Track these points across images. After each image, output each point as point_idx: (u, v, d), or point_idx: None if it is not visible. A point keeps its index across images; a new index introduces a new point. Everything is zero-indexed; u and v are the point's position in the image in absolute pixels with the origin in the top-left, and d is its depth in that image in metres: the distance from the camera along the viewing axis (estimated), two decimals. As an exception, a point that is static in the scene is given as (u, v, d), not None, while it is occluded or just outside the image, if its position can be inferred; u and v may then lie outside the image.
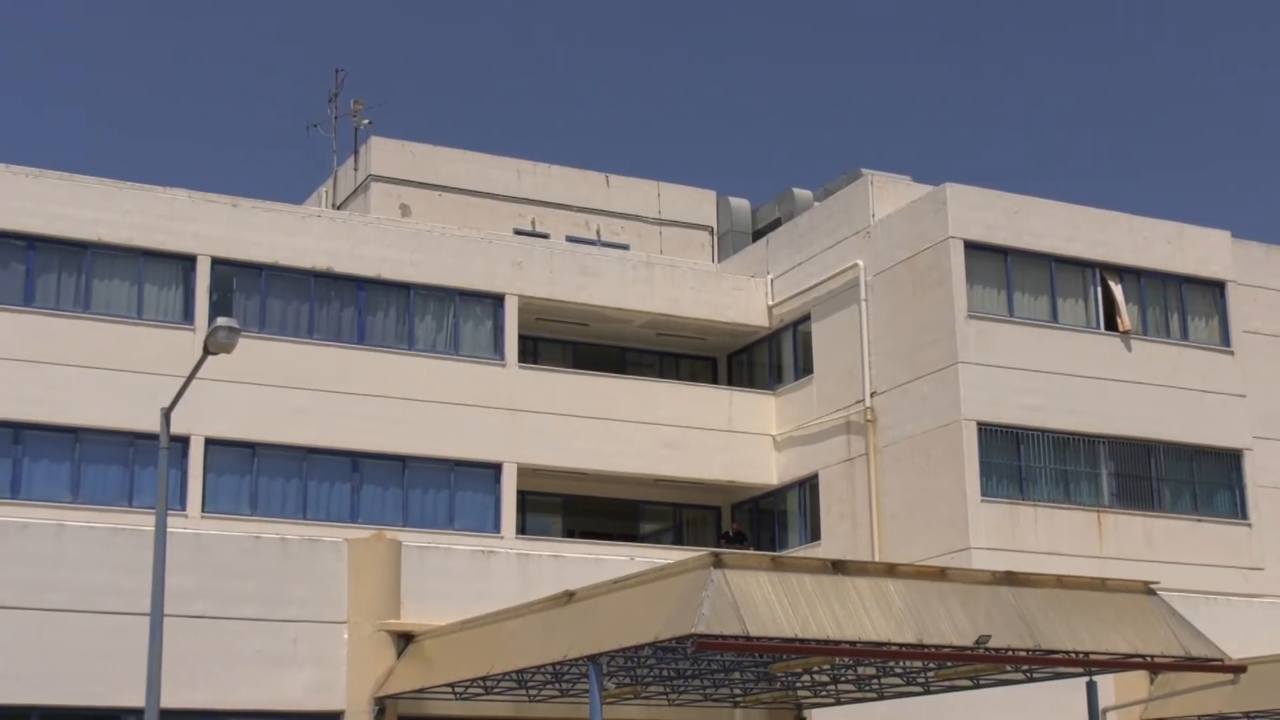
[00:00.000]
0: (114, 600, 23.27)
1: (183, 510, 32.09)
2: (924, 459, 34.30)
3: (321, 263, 34.87)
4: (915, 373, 34.93)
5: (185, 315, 33.56)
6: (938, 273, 34.73)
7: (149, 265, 33.55)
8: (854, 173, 39.42)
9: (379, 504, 34.50)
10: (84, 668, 22.96)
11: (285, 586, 24.49)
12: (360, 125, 42.99)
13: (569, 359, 39.48)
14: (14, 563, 23.03)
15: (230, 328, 20.21)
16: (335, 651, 24.51)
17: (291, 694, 24.06)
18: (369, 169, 41.39)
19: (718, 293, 39.36)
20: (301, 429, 33.88)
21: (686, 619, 17.66)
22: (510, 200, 42.42)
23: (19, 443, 31.80)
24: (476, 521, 35.22)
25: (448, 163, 42.09)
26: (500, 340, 36.52)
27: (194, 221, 33.89)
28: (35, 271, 32.66)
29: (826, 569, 19.08)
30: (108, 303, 33.13)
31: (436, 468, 35.18)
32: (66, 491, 31.95)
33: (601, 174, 44.14)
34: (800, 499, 38.07)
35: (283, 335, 34.32)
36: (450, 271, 36.19)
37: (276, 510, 33.41)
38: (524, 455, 35.95)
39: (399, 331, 35.64)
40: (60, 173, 33.23)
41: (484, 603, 24.33)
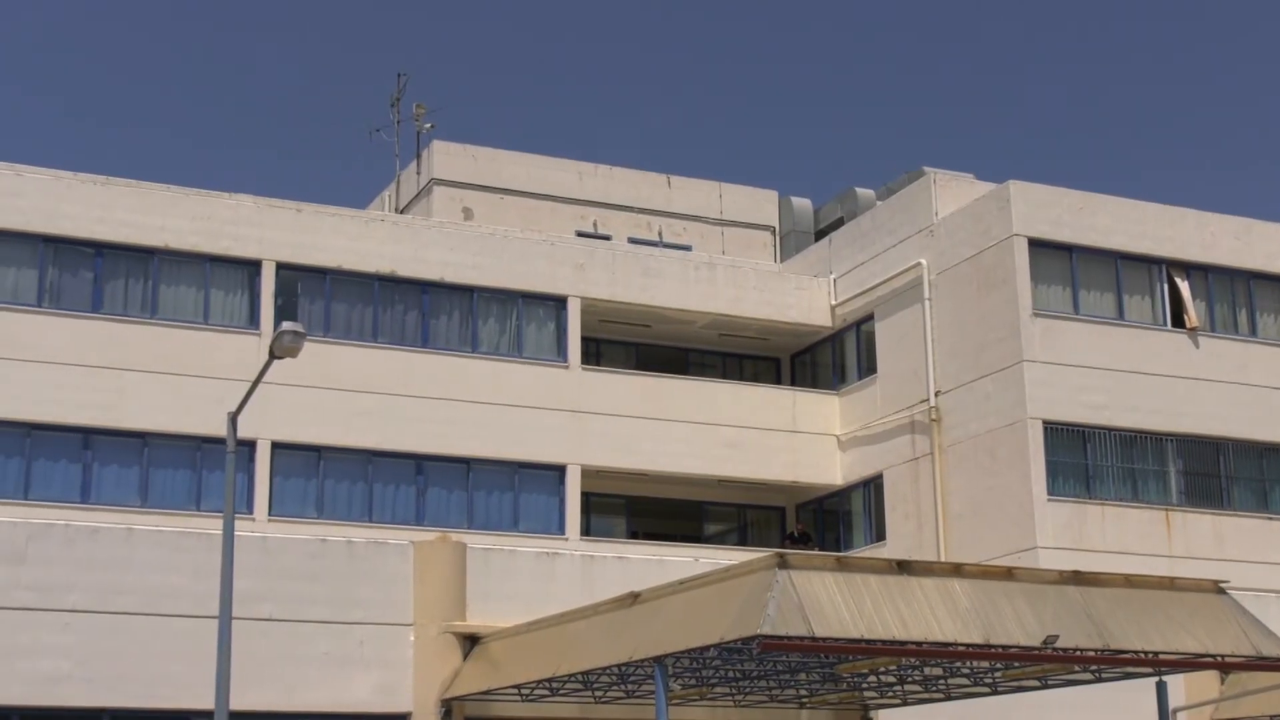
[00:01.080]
0: (183, 603, 23.47)
1: (250, 514, 32.31)
2: (989, 458, 34.09)
3: (385, 267, 35.03)
4: (980, 371, 34.73)
5: (251, 320, 33.80)
6: (1002, 271, 34.52)
7: (215, 271, 33.81)
8: (916, 171, 39.25)
9: (444, 506, 34.62)
10: (153, 670, 23.17)
11: (352, 589, 24.62)
12: (423, 129, 43.23)
13: (632, 360, 39.48)
14: (84, 567, 23.27)
15: (295, 332, 20.32)
16: (402, 653, 24.62)
17: (359, 695, 24.19)
18: (432, 173, 41.55)
19: (780, 293, 39.27)
20: (366, 432, 34.05)
21: (752, 620, 17.63)
22: (572, 202, 42.47)
23: (88, 448, 32.11)
24: (541, 523, 35.29)
25: (510, 166, 42.20)
26: (563, 342, 36.58)
27: (259, 227, 34.13)
28: (103, 278, 32.98)
29: (892, 569, 19.00)
30: (174, 308, 33.41)
31: (500, 470, 35.27)
32: (135, 496, 32.24)
33: (663, 175, 44.13)
34: (865, 499, 37.93)
35: (347, 339, 34.50)
36: (513, 274, 36.27)
37: (342, 513, 33.59)
38: (588, 457, 35.98)
39: (462, 334, 35.76)
40: (127, 180, 33.54)
41: (549, 604, 24.38)
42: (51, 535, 23.42)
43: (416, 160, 42.81)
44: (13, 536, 23.18)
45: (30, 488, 31.47)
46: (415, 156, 42.96)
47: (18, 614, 22.86)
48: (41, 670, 22.72)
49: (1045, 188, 35.32)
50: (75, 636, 22.95)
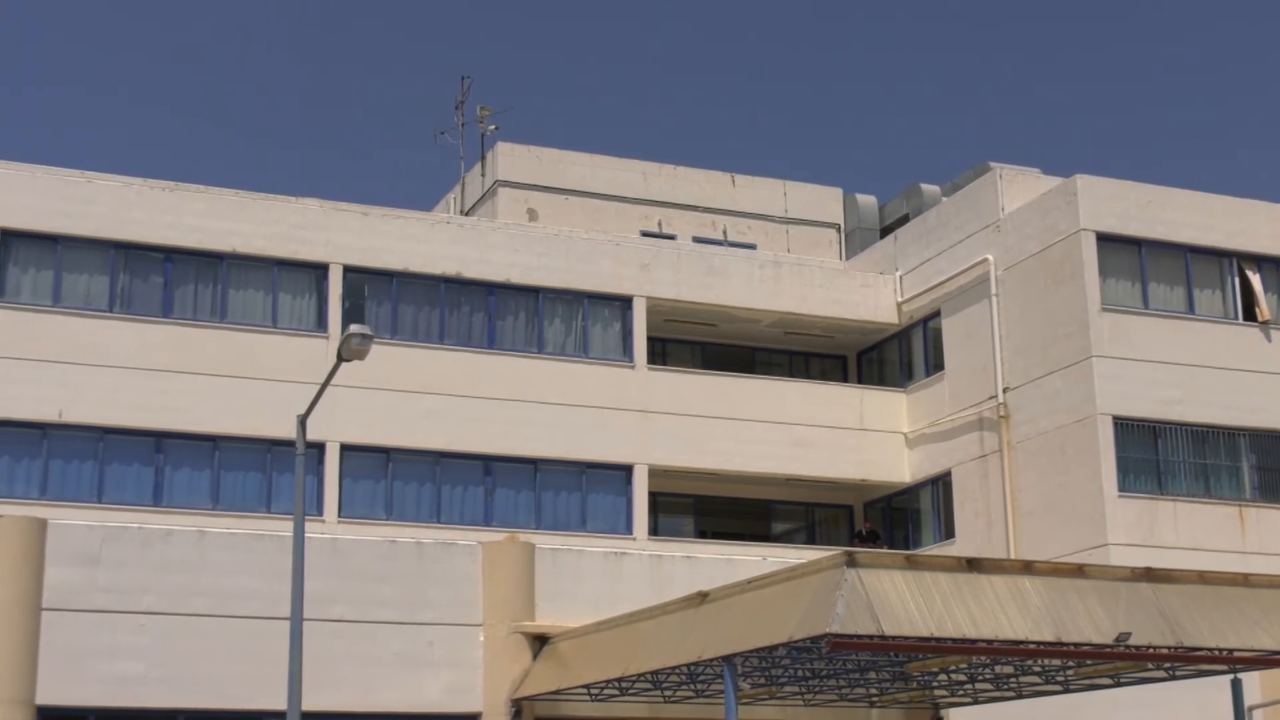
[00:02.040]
0: (255, 605, 23.68)
1: (320, 515, 32.54)
2: (1059, 455, 33.86)
3: (451, 268, 35.18)
4: (1048, 367, 34.51)
5: (319, 323, 34.03)
6: (1070, 265, 34.28)
7: (283, 274, 34.06)
8: (982, 166, 39.03)
9: (511, 507, 34.73)
10: (227, 671, 23.38)
11: (421, 590, 24.76)
12: (487, 131, 43.38)
13: (698, 360, 39.46)
14: (158, 569, 23.52)
15: (363, 334, 20.45)
16: (471, 654, 24.73)
17: (430, 696, 24.32)
18: (496, 174, 41.69)
19: (846, 290, 39.15)
20: (434, 433, 34.21)
21: (821, 619, 17.60)
22: (637, 202, 42.49)
23: (160, 451, 32.43)
24: (608, 523, 35.33)
25: (574, 166, 42.27)
26: (629, 342, 36.61)
27: (326, 230, 34.36)
28: (173, 283, 33.29)
29: (962, 567, 18.92)
30: (243, 312, 33.68)
31: (568, 470, 35.35)
32: (207, 499, 32.53)
33: (727, 174, 44.07)
34: (933, 497, 37.76)
35: (414, 341, 34.67)
36: (578, 275, 36.34)
37: (411, 514, 33.76)
38: (655, 457, 36.00)
39: (528, 335, 35.86)
40: (195, 185, 33.85)
41: (617, 604, 24.42)
42: (126, 538, 23.68)
43: (481, 162, 42.97)
44: (88, 540, 23.46)
45: (104, 491, 31.82)
46: (480, 158, 43.13)
47: (94, 616, 23.14)
48: (117, 671, 22.98)
49: (1113, 181, 35.06)
50: (150, 638, 23.20)
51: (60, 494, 31.40)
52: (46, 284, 32.33)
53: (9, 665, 22.44)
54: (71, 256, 32.58)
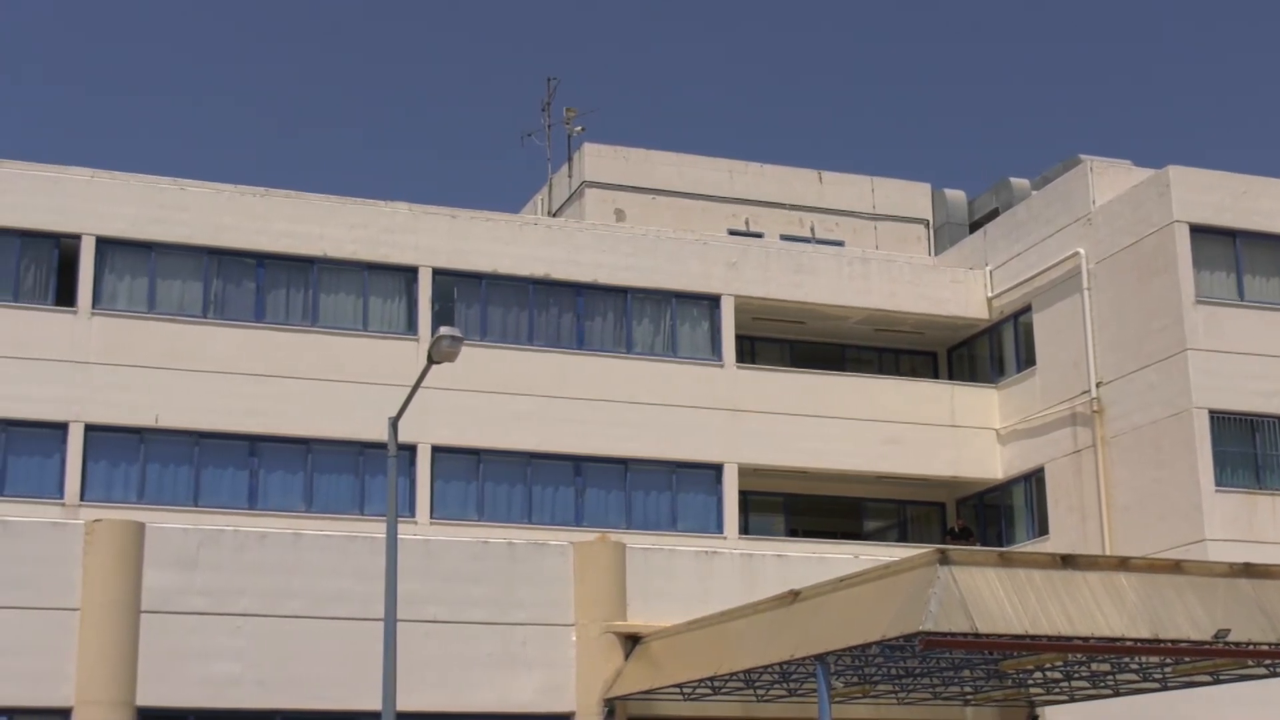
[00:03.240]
0: (349, 606, 23.90)
1: (412, 517, 32.75)
2: (1154, 449, 33.47)
3: (540, 270, 35.30)
4: (1142, 361, 34.12)
5: (409, 326, 34.25)
6: (1163, 258, 33.88)
7: (373, 278, 34.31)
8: (1072, 159, 38.66)
9: (602, 507, 34.80)
10: (322, 672, 23.61)
11: (513, 590, 24.89)
12: (573, 132, 43.48)
13: (787, 358, 39.36)
14: (254, 571, 23.79)
15: (453, 337, 20.57)
16: (564, 653, 24.82)
17: (522, 696, 24.43)
18: (583, 175, 41.79)
19: (936, 286, 38.89)
20: (524, 434, 34.33)
21: (914, 617, 17.52)
22: (724, 201, 42.44)
23: (254, 455, 32.77)
24: (699, 522, 35.32)
25: (660, 166, 42.29)
26: (718, 341, 36.57)
27: (415, 234, 34.58)
28: (265, 288, 33.62)
29: (1056, 564, 18.77)
30: (334, 316, 33.95)
31: (658, 470, 35.37)
32: (300, 501, 32.83)
33: (814, 171, 43.94)
34: (1026, 493, 37.44)
35: (503, 343, 34.82)
36: (666, 274, 36.35)
37: (502, 515, 33.90)
38: (745, 455, 35.95)
39: (617, 335, 35.91)
40: (286, 191, 34.17)
41: (708, 603, 24.43)
42: (221, 541, 23.98)
43: (568, 163, 43.09)
44: (184, 543, 23.77)
45: (200, 495, 32.20)
46: (566, 159, 43.25)
47: (191, 618, 23.45)
48: (214, 673, 23.27)
49: (1206, 172, 34.60)
50: (246, 640, 23.48)
51: (157, 498, 31.81)
52: (142, 291, 32.77)
53: (110, 667, 22.79)
54: (166, 263, 33.00)
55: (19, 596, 22.90)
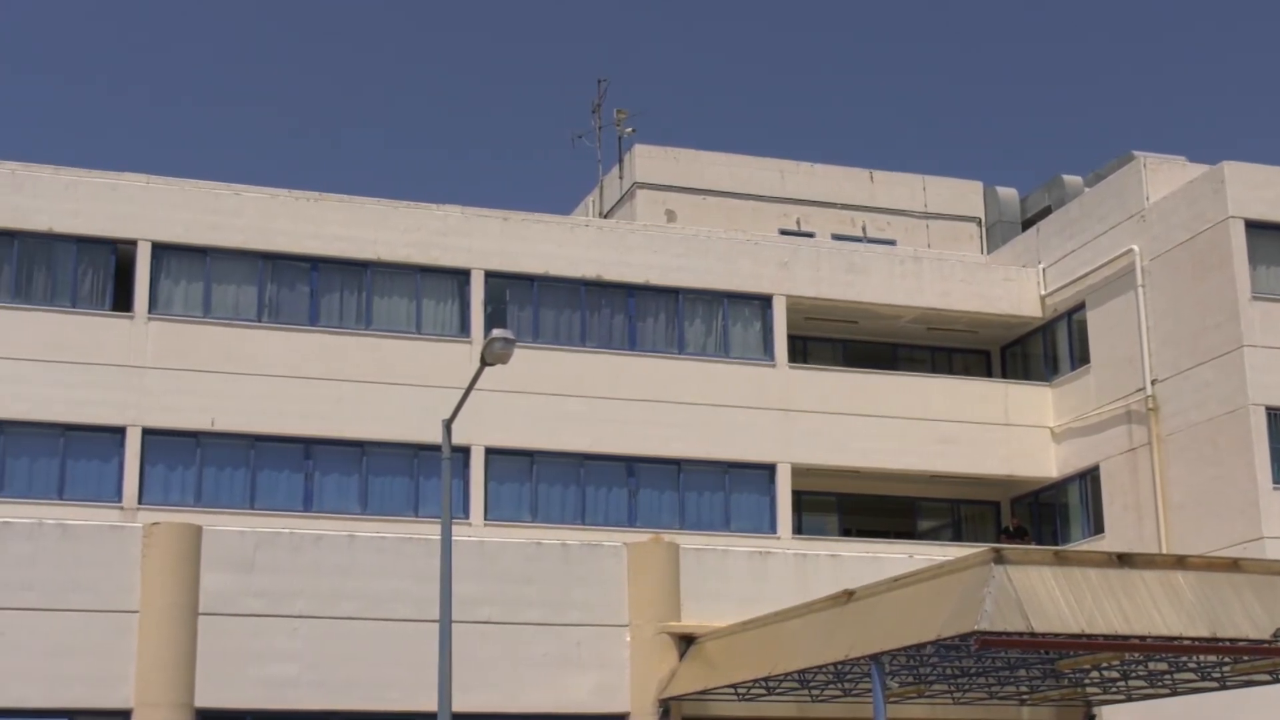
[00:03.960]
0: (404, 607, 24.01)
1: (466, 518, 32.88)
2: (1210, 447, 33.24)
3: (591, 271, 35.37)
4: (1198, 358, 33.88)
5: (462, 328, 34.39)
6: (1218, 254, 33.64)
7: (426, 281, 34.47)
8: (1125, 156, 38.44)
9: (655, 507, 34.84)
10: (378, 673, 23.73)
11: (567, 591, 24.95)
12: (624, 134, 43.52)
13: (839, 357, 39.29)
14: (310, 573, 23.93)
15: (506, 339, 20.65)
16: (618, 654, 24.86)
17: (577, 696, 24.49)
18: (634, 177, 41.85)
19: (988, 284, 38.75)
20: (577, 435, 34.40)
21: (969, 616, 17.47)
22: (775, 201, 42.42)
23: (310, 457, 32.97)
24: (752, 523, 35.31)
25: (711, 166, 42.31)
26: (770, 341, 36.54)
27: (467, 236, 34.71)
28: (319, 292, 33.83)
29: (1112, 562, 18.67)
30: (388, 319, 34.12)
31: (711, 470, 35.37)
32: (356, 503, 33.00)
33: (865, 170, 43.87)
34: (1081, 491, 37.25)
35: (556, 344, 34.91)
36: (718, 274, 36.35)
37: (556, 516, 33.98)
38: (798, 455, 35.91)
39: (669, 336, 35.94)
40: (339, 195, 34.37)
41: (762, 603, 24.41)
42: (278, 543, 24.13)
43: (619, 164, 43.16)
44: (241, 545, 23.94)
45: (256, 497, 32.44)
46: (617, 161, 43.31)
47: (248, 620, 23.61)
48: (272, 675, 23.42)
49: (1261, 167, 34.34)
50: (303, 641, 23.62)
51: (214, 501, 32.08)
52: (197, 295, 33.02)
53: (169, 669, 22.97)
54: (220, 268, 33.25)
55: (79, 599, 23.12)
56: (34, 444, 31.40)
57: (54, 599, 23.06)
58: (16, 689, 22.68)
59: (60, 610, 23.07)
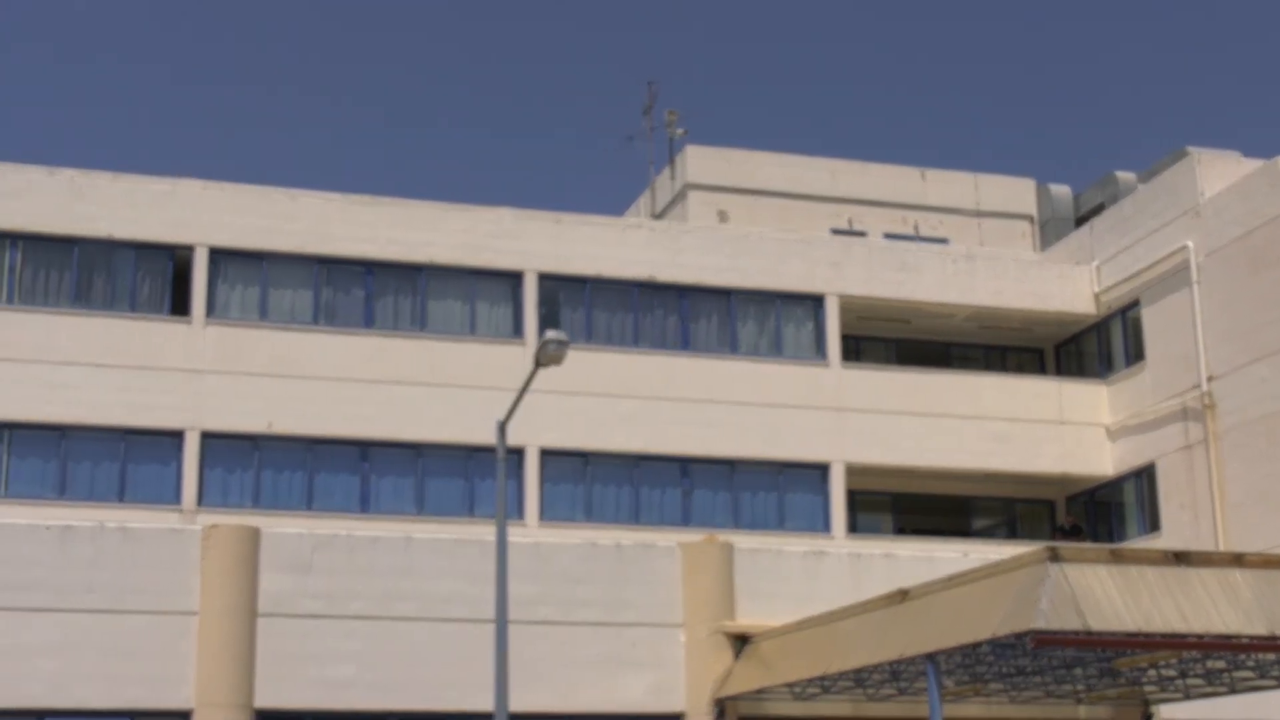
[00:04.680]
0: (460, 608, 24.16)
1: (521, 519, 33.01)
2: (1267, 443, 33.01)
3: (644, 272, 35.46)
4: (1254, 354, 33.65)
5: (515, 330, 34.53)
6: (1275, 249, 33.40)
7: (479, 283, 34.63)
8: (1179, 151, 38.22)
9: (709, 507, 34.88)
10: (434, 674, 23.89)
11: (622, 591, 25.04)
12: (675, 135, 43.54)
13: (892, 356, 39.23)
14: (366, 574, 24.12)
15: (559, 340, 20.76)
16: (673, 654, 24.93)
17: (632, 696, 24.57)
18: (686, 178, 41.89)
19: (1042, 282, 38.61)
20: (631, 436, 34.49)
21: (1025, 615, 17.45)
22: (826, 200, 42.38)
23: (366, 459, 33.18)
24: (806, 522, 35.30)
25: (763, 167, 42.31)
26: (822, 341, 36.53)
27: (520, 239, 34.85)
28: (374, 295, 34.05)
29: (1169, 560, 18.61)
30: (442, 322, 34.30)
31: (765, 470, 35.39)
32: (412, 505, 33.18)
33: (917, 169, 43.77)
34: (1137, 489, 37.06)
35: (609, 345, 35.00)
36: (770, 275, 36.37)
37: (610, 517, 34.07)
38: (851, 454, 35.88)
39: (721, 336, 35.98)
40: (392, 198, 34.59)
41: (816, 603, 24.43)
42: (335, 545, 24.34)
43: (670, 166, 43.23)
44: (299, 547, 24.15)
45: (313, 500, 32.67)
46: (669, 162, 43.38)
47: (306, 622, 23.82)
48: (330, 676, 23.62)
49: (1319, 162, 34.08)
50: (360, 642, 23.81)
51: (272, 503, 32.31)
52: (254, 300, 33.29)
53: (228, 671, 23.20)
54: (276, 272, 33.52)
55: (140, 601, 23.39)
56: (95, 448, 31.74)
57: (115, 601, 23.34)
58: (79, 690, 22.97)
59: (121, 612, 23.34)
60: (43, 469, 31.36)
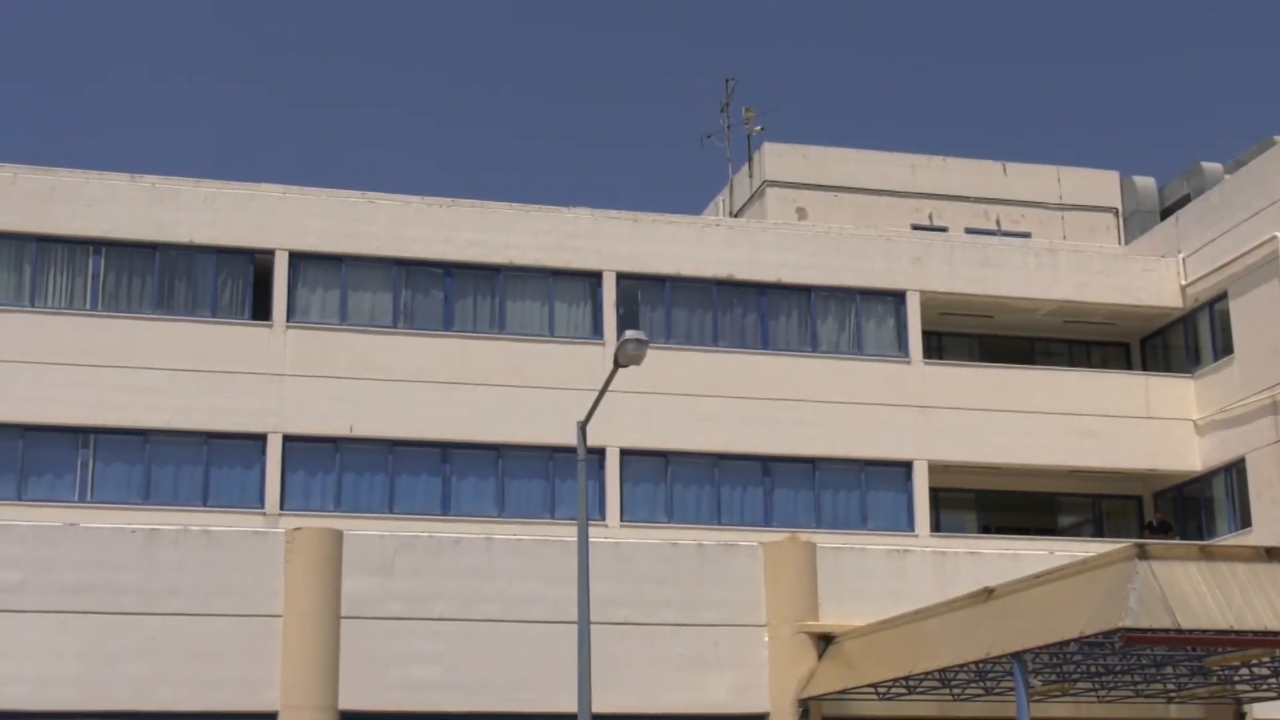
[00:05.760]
0: (542, 609, 24.17)
1: (602, 520, 32.98)
2: (1361, 437, 32.42)
3: (723, 271, 35.33)
4: (1346, 347, 33.05)
5: (594, 330, 34.51)
6: (1365, 240, 32.81)
7: (558, 284, 34.63)
8: (1266, 141, 37.63)
9: (791, 506, 34.71)
10: (516, 675, 23.91)
11: (704, 591, 24.96)
12: (753, 132, 43.45)
13: (975, 352, 38.89)
14: (448, 576, 24.18)
15: (639, 340, 20.68)
16: (756, 654, 24.81)
17: (715, 697, 24.49)
18: (764, 175, 41.74)
19: (1127, 275, 38.14)
20: (711, 436, 34.37)
21: (1113, 613, 17.21)
22: (906, 196, 42.09)
23: (446, 461, 33.26)
24: (889, 521, 35.05)
25: (841, 163, 42.08)
26: (904, 337, 36.26)
27: (598, 239, 34.83)
28: (453, 297, 34.13)
29: (1260, 557, 18.31)
30: (521, 323, 34.33)
31: (847, 468, 35.17)
32: (492, 506, 33.22)
33: (998, 163, 43.37)
34: (1227, 484, 36.51)
35: (688, 345, 34.91)
36: (850, 271, 36.15)
37: (691, 517, 33.98)
38: (934, 452, 35.60)
39: (802, 334, 35.79)
40: (471, 200, 34.66)
41: (900, 602, 24.26)
42: (417, 547, 24.42)
43: (748, 163, 43.09)
44: (382, 549, 24.25)
45: (394, 502, 32.77)
46: (747, 159, 43.24)
47: (389, 623, 23.91)
48: (413, 677, 23.70)
49: None
50: (443, 644, 23.88)
51: (354, 505, 32.46)
52: (334, 303, 33.46)
53: (313, 672, 23.32)
54: (356, 275, 33.66)
55: (225, 604, 23.56)
56: (178, 452, 32.00)
57: (201, 604, 23.53)
58: (166, 693, 23.17)
59: (207, 615, 23.54)
60: (127, 474, 31.65)
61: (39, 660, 23.18)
